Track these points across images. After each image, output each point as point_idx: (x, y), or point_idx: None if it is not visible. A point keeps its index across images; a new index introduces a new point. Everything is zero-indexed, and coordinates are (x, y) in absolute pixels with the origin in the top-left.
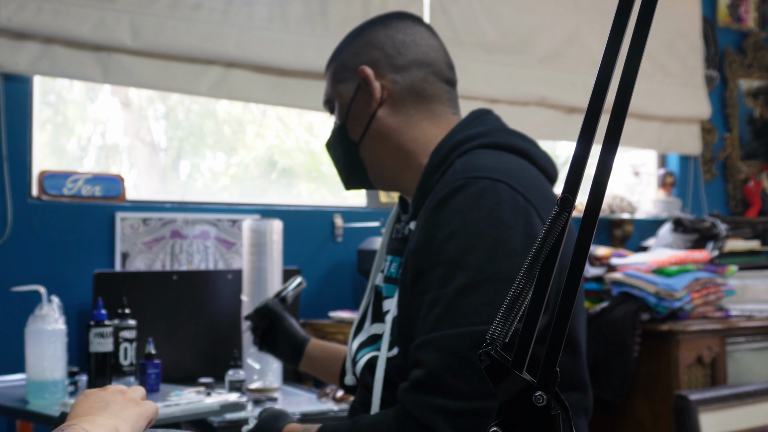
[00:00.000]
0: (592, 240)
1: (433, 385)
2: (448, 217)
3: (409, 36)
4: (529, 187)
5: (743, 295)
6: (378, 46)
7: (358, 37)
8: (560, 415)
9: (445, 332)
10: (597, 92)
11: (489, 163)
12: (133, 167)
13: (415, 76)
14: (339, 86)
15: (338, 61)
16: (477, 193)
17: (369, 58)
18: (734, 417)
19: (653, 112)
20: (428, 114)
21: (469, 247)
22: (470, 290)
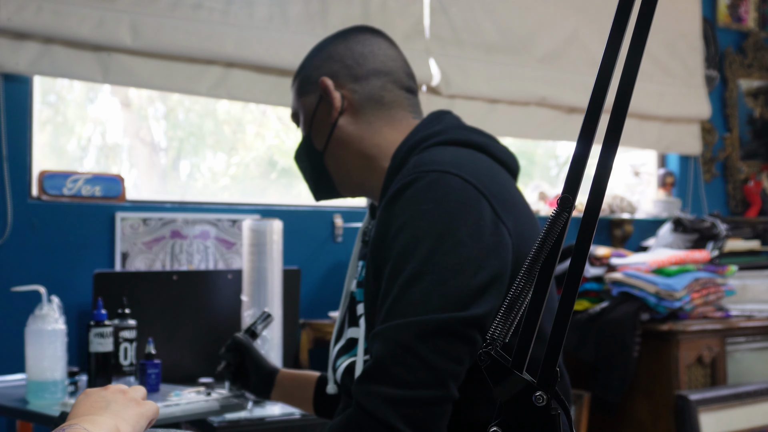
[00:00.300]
0: (592, 240)
1: (380, 374)
2: (398, 212)
3: (368, 47)
4: (481, 177)
5: (743, 295)
6: (337, 58)
7: (319, 52)
8: (560, 414)
9: (392, 323)
10: (597, 92)
11: (441, 158)
12: (133, 167)
13: (374, 84)
14: (302, 99)
15: (302, 75)
16: (425, 186)
17: (329, 70)
18: (734, 417)
19: (653, 112)
20: (388, 120)
21: (416, 240)
22: (415, 281)
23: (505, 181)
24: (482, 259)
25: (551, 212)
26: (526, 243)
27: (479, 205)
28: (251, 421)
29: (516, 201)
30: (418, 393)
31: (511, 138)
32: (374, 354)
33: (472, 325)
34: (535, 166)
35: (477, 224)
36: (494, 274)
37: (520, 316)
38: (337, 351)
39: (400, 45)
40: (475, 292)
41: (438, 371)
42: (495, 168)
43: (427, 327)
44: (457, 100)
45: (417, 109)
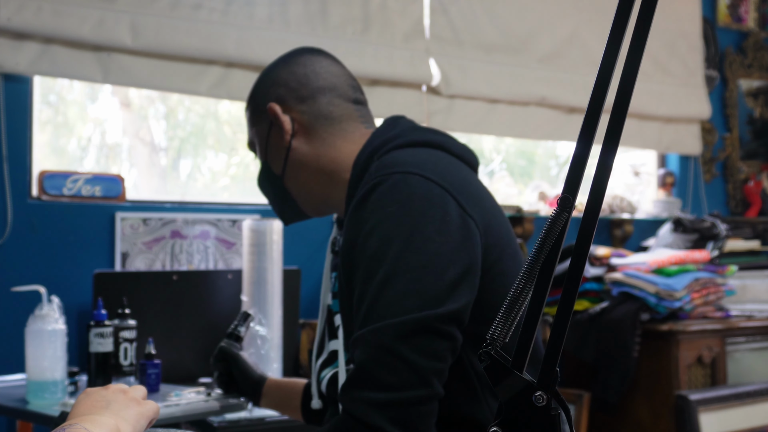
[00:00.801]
0: (592, 240)
1: (363, 379)
2: (365, 216)
3: (309, 67)
4: (443, 174)
5: (743, 295)
6: (281, 82)
7: (264, 79)
8: (560, 414)
9: (370, 327)
10: (597, 92)
11: (401, 159)
12: (133, 167)
13: (321, 102)
14: (255, 128)
15: (251, 105)
16: (389, 188)
17: (275, 96)
18: (734, 417)
19: (653, 112)
20: (341, 134)
21: (386, 242)
22: (389, 282)
23: (466, 174)
24: (452, 253)
25: (551, 212)
26: (494, 234)
27: (444, 201)
28: (251, 421)
29: (480, 194)
30: (403, 394)
31: (511, 138)
32: (356, 359)
33: (450, 320)
34: (535, 166)
35: (443, 220)
36: (465, 267)
37: (520, 316)
38: (320, 364)
39: (400, 45)
40: (448, 287)
41: (421, 370)
42: (455, 163)
43: (405, 327)
44: (457, 100)
45: (368, 119)
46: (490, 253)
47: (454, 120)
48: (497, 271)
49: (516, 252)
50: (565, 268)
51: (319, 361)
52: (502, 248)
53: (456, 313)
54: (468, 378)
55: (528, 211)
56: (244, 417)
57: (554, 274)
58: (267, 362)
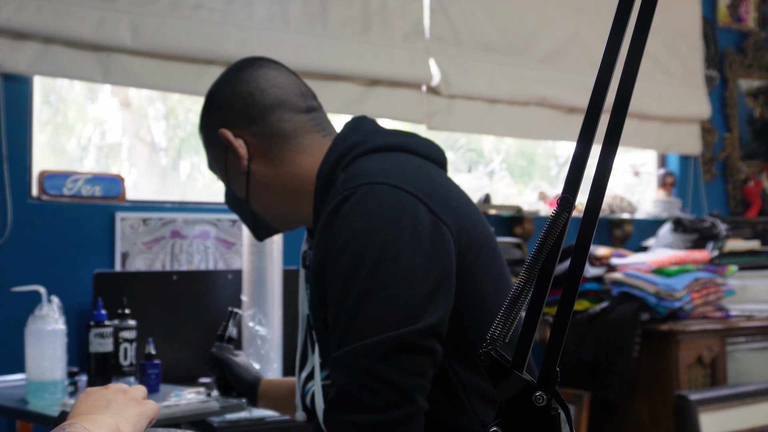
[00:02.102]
0: (592, 240)
1: (346, 402)
2: (335, 233)
3: (253, 85)
4: (411, 180)
5: (743, 295)
6: (227, 105)
7: (209, 102)
8: (560, 414)
9: (349, 348)
10: (597, 92)
11: (366, 169)
12: (133, 167)
13: (271, 120)
14: (211, 151)
15: (203, 129)
16: (357, 202)
17: (223, 120)
18: (734, 417)
19: (653, 112)
20: (298, 149)
21: (358, 258)
22: (364, 301)
23: (436, 175)
24: (426, 264)
25: (551, 212)
26: (469, 235)
27: (414, 208)
28: (251, 421)
29: (451, 194)
30: (388, 415)
31: (511, 138)
32: (338, 383)
33: (428, 334)
34: (535, 166)
35: (415, 229)
36: (440, 277)
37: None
38: (305, 378)
39: (400, 45)
40: (424, 301)
41: (403, 388)
42: (423, 165)
43: (384, 347)
44: (457, 100)
45: (323, 125)
46: (465, 255)
47: (454, 120)
48: (474, 273)
49: (493, 250)
50: (565, 268)
51: (303, 374)
52: (479, 248)
53: (433, 326)
54: (453, 388)
55: (528, 211)
56: (244, 417)
57: (554, 274)
58: (267, 362)
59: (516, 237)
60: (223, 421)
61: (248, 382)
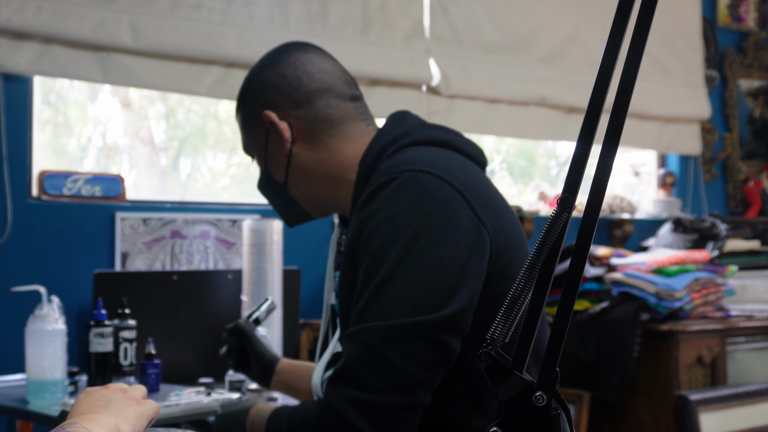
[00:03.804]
0: (592, 240)
1: (349, 377)
2: (372, 213)
3: (300, 69)
4: (456, 174)
5: (743, 295)
6: (272, 87)
7: (252, 83)
8: (560, 414)
9: (363, 326)
10: (597, 92)
11: (413, 157)
12: (133, 167)
13: (318, 105)
14: (250, 133)
15: (242, 109)
16: (399, 186)
17: (267, 102)
18: (734, 417)
19: (653, 112)
20: (342, 136)
21: (390, 241)
22: (388, 283)
23: (478, 174)
24: (455, 258)
25: (551, 212)
26: (505, 236)
27: (454, 202)
28: None
29: (491, 195)
30: (383, 398)
31: (511, 138)
32: (346, 356)
33: (444, 327)
34: (535, 166)
35: (450, 222)
36: (467, 273)
37: (520, 316)
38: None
39: (400, 45)
40: (447, 294)
41: (405, 377)
42: (466, 163)
43: (397, 331)
44: (457, 100)
45: (367, 116)
46: (500, 256)
47: (454, 120)
48: (509, 275)
49: (526, 254)
50: (565, 268)
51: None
52: (514, 251)
53: (451, 318)
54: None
55: (528, 211)
56: None
57: (554, 274)
58: None
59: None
60: None
61: (267, 359)
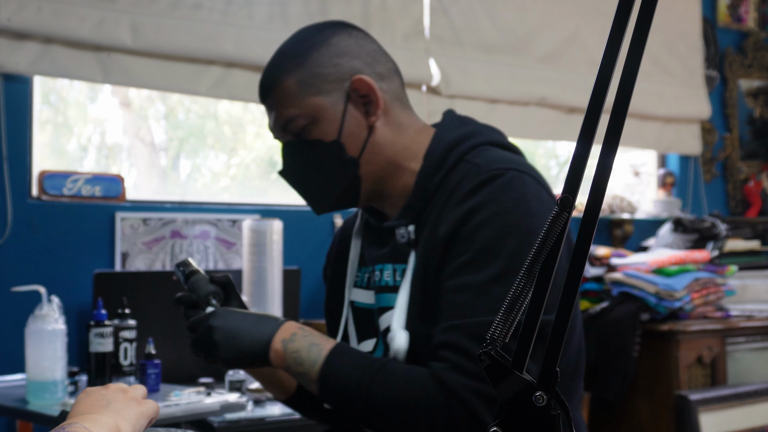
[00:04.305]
0: (592, 240)
1: (474, 370)
2: (478, 207)
3: (374, 45)
4: (543, 181)
5: (743, 295)
6: (353, 54)
7: (322, 46)
8: (560, 415)
9: (478, 319)
10: (597, 92)
11: (506, 157)
12: (133, 167)
13: (395, 83)
14: (315, 99)
15: (304, 73)
16: (505, 184)
17: (351, 67)
18: (734, 417)
19: (653, 112)
20: (412, 120)
21: (501, 236)
22: (502, 279)
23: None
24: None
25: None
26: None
27: (552, 207)
28: (251, 421)
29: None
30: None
31: (511, 138)
32: (463, 347)
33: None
34: (535, 166)
35: None
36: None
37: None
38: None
39: (400, 45)
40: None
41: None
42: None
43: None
44: (457, 100)
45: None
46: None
47: None
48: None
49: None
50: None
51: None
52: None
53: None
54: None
55: None
56: (244, 417)
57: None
58: None
59: None
60: (223, 421)
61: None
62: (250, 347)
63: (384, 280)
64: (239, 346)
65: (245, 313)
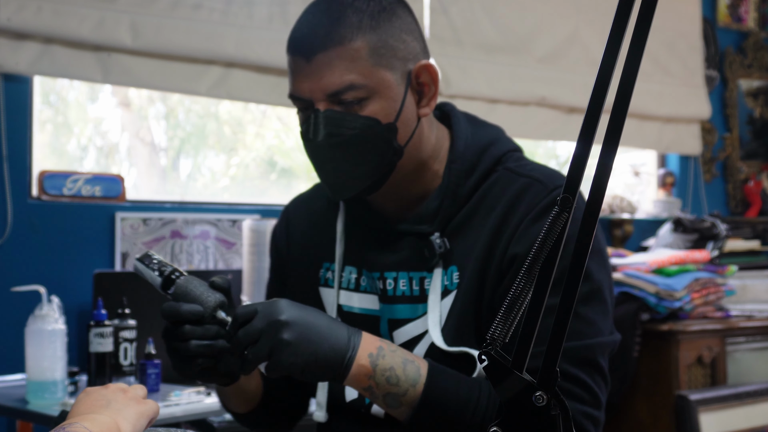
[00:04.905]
0: (592, 240)
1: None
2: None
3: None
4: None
5: (743, 295)
6: (415, 34)
7: (392, 16)
8: (560, 415)
9: (580, 343)
10: (597, 92)
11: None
12: (133, 167)
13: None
14: (384, 73)
15: (377, 39)
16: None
17: (414, 48)
18: (734, 417)
19: (653, 112)
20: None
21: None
22: (591, 300)
23: None
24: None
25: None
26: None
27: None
28: None
29: None
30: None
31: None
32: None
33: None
34: None
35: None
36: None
37: (520, 316)
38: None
39: None
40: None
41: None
42: None
43: (607, 348)
44: (457, 100)
45: None
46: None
47: None
48: None
49: None
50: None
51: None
52: None
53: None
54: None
55: None
56: None
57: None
58: None
59: None
60: (223, 421)
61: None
62: (328, 356)
63: (400, 290)
64: (316, 352)
65: (316, 312)
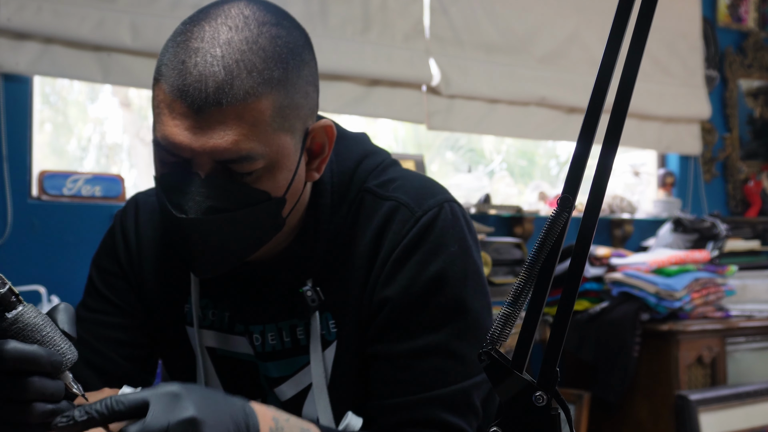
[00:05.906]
0: (592, 240)
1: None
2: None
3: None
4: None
5: (743, 295)
6: (316, 84)
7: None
8: (560, 414)
9: (457, 387)
10: (597, 92)
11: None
12: (133, 167)
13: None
14: (284, 138)
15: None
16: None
17: (313, 104)
18: (734, 417)
19: (653, 112)
20: None
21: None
22: (464, 335)
23: None
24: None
25: (551, 212)
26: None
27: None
28: None
29: None
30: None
31: (511, 138)
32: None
33: None
34: (535, 166)
35: (476, 244)
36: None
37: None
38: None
39: (400, 45)
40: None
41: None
42: None
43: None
44: (457, 100)
45: None
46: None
47: (454, 120)
48: None
49: None
50: (565, 268)
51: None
52: None
53: None
54: None
55: (528, 211)
56: None
57: (554, 274)
58: None
59: (516, 237)
60: None
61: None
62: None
63: (269, 344)
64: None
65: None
